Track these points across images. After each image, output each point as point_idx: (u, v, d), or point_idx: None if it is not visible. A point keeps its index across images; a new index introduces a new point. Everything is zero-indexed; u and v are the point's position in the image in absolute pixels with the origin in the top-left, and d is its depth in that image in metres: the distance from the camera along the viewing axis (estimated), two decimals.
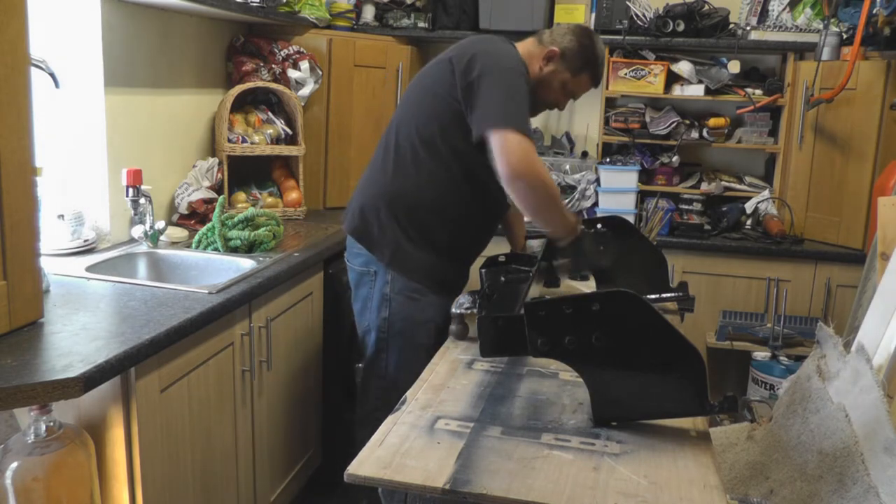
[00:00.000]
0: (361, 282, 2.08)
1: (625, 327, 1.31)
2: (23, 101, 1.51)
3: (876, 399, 1.69)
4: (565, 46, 1.99)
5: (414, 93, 2.03)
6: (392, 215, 1.98)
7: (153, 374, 1.64)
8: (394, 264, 2.00)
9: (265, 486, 2.25)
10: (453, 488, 1.15)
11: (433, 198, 1.98)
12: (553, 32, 2.04)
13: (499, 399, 1.49)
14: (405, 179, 1.98)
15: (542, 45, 2.02)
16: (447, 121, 1.92)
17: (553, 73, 2.01)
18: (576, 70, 2.01)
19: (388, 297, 2.02)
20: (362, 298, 2.09)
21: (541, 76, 2.01)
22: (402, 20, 3.37)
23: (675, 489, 1.17)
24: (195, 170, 2.74)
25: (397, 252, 2.00)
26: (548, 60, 2.00)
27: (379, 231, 2.01)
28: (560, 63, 2.00)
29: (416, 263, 2.00)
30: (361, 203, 2.04)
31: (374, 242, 2.02)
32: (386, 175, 2.01)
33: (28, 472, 1.45)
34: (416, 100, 2.01)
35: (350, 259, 2.12)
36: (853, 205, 2.94)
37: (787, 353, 2.93)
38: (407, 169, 1.98)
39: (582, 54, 2.00)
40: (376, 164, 2.07)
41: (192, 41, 2.78)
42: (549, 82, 2.02)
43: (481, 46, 1.93)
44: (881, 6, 2.70)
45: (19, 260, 1.53)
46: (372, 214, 2.01)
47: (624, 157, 3.30)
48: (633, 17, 3.16)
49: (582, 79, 2.04)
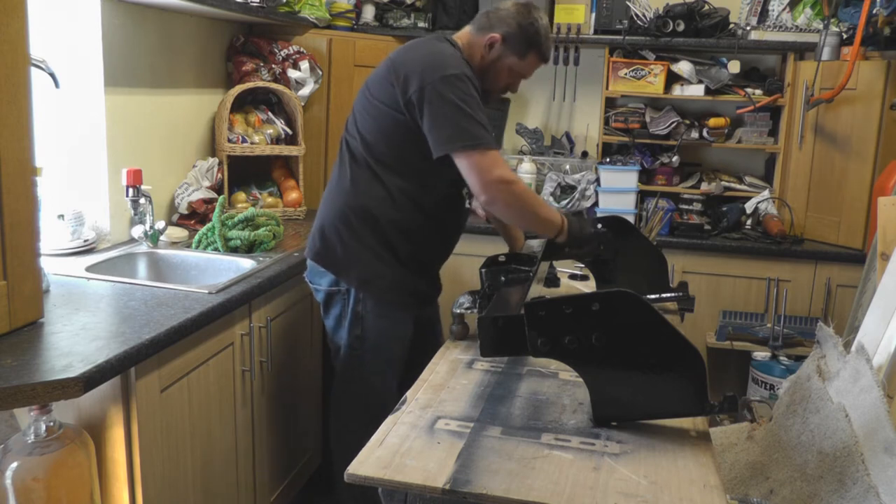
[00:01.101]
0: (332, 301, 2.03)
1: (625, 327, 1.32)
2: (23, 101, 1.51)
3: (876, 399, 1.69)
4: (505, 31, 1.91)
5: (360, 103, 1.95)
6: (354, 234, 1.94)
7: (153, 374, 1.64)
8: (363, 286, 1.96)
9: (265, 486, 2.25)
10: (453, 488, 1.15)
11: (394, 212, 1.92)
12: (490, 16, 1.94)
13: (499, 399, 1.49)
14: (363, 196, 1.93)
15: (481, 33, 1.94)
16: (396, 136, 1.86)
17: (498, 59, 1.93)
18: (521, 53, 1.93)
19: (360, 315, 1.99)
20: (335, 316, 2.04)
21: (486, 64, 1.94)
22: (402, 20, 3.37)
23: (675, 489, 1.17)
24: (195, 170, 2.74)
25: (365, 272, 1.95)
26: (490, 47, 1.92)
27: (343, 252, 1.95)
28: (503, 48, 1.92)
29: (385, 282, 1.96)
30: (322, 224, 1.99)
31: (339, 266, 1.97)
32: (343, 192, 1.96)
33: (28, 472, 1.45)
34: (362, 111, 1.93)
35: (315, 279, 2.06)
36: (853, 205, 2.94)
37: (787, 353, 2.93)
38: (364, 185, 1.93)
39: (524, 36, 1.91)
40: (333, 182, 2.01)
41: (192, 41, 2.78)
42: (497, 69, 1.95)
43: (418, 56, 1.84)
44: (881, 6, 2.70)
45: (19, 260, 1.53)
46: (334, 236, 1.96)
47: (624, 157, 3.30)
48: (633, 17, 3.15)
49: (529, 59, 1.96)
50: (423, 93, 1.76)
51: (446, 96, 1.75)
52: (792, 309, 2.98)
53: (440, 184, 1.93)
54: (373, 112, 1.90)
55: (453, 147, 1.75)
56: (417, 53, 1.86)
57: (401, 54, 1.89)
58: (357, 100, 1.98)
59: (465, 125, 1.75)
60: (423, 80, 1.77)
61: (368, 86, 1.94)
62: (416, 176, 1.91)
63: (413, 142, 1.83)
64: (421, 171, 1.90)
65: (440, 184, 1.93)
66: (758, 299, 3.03)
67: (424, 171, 1.89)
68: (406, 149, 1.87)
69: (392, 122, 1.86)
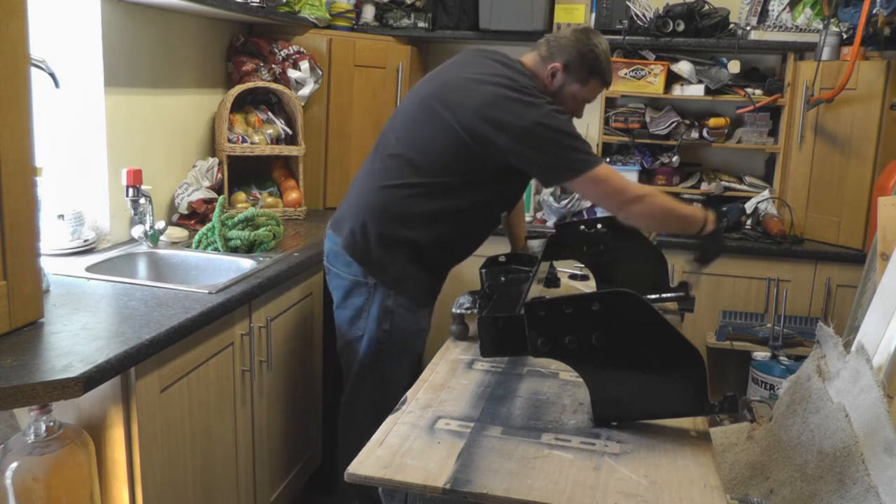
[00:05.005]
0: (355, 291, 2.03)
1: (625, 327, 1.32)
2: (23, 101, 1.51)
3: (876, 399, 1.69)
4: (565, 60, 1.94)
5: (422, 115, 1.94)
6: (392, 238, 1.96)
7: (153, 374, 1.64)
8: (396, 285, 1.99)
9: (265, 486, 2.25)
10: (454, 488, 1.15)
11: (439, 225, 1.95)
12: (550, 45, 1.97)
13: (499, 399, 1.49)
14: (410, 203, 1.93)
15: (543, 62, 1.96)
16: (449, 151, 1.88)
17: (562, 87, 1.96)
18: (583, 79, 1.96)
19: (390, 310, 2.00)
20: (355, 307, 2.04)
21: (550, 93, 1.95)
22: (402, 20, 3.37)
23: (675, 489, 1.17)
24: (195, 170, 2.74)
25: (398, 273, 1.98)
26: (552, 77, 1.95)
27: (379, 253, 1.97)
28: (566, 76, 1.95)
29: (416, 284, 2.01)
30: (363, 221, 1.98)
31: (374, 265, 1.98)
32: (385, 194, 1.96)
33: (28, 472, 1.45)
34: (425, 125, 1.93)
35: (340, 266, 2.05)
36: (853, 205, 2.94)
37: (787, 353, 2.93)
38: (412, 193, 1.93)
39: (585, 63, 1.94)
40: (375, 178, 2.00)
41: (192, 41, 2.78)
42: (561, 96, 1.97)
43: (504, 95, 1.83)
44: (881, 6, 2.70)
45: (19, 260, 1.53)
46: (372, 235, 1.96)
47: (624, 157, 3.30)
48: (633, 17, 3.15)
49: (591, 85, 1.98)
50: (518, 133, 1.80)
51: (545, 136, 1.80)
52: (792, 309, 2.98)
53: (481, 201, 1.96)
54: (437, 125, 1.89)
55: (569, 176, 1.83)
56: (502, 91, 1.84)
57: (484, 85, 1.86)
58: (410, 104, 1.99)
59: (571, 153, 1.81)
60: (513, 120, 1.80)
61: (437, 96, 1.92)
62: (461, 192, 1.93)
63: (467, 159, 1.87)
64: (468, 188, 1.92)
65: (481, 201, 1.96)
66: (758, 299, 3.03)
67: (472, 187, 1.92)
68: (458, 166, 1.90)
69: (448, 139, 1.87)
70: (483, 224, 2.08)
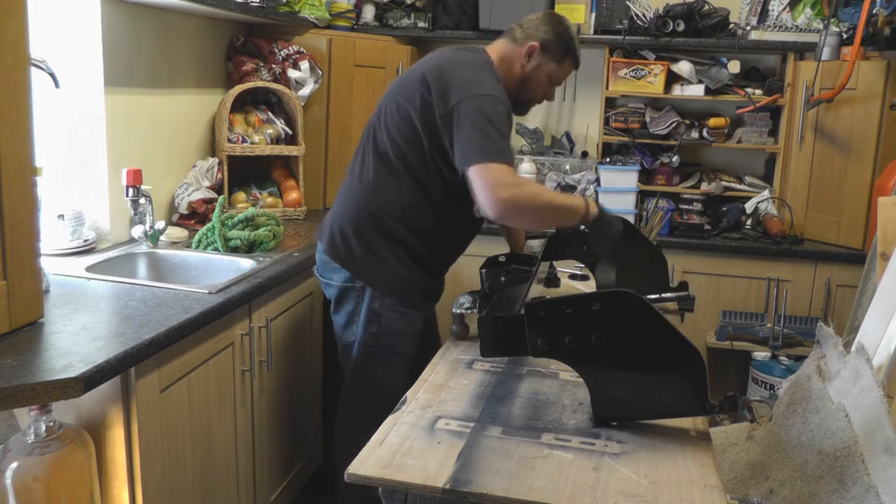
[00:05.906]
0: (345, 297, 2.03)
1: (625, 327, 1.32)
2: (23, 101, 1.51)
3: (876, 399, 1.69)
4: (543, 38, 1.96)
5: (389, 108, 1.95)
6: (375, 236, 1.94)
7: (153, 374, 1.64)
8: (382, 286, 1.97)
9: (265, 486, 2.25)
10: (454, 488, 1.15)
11: (418, 218, 1.94)
12: (524, 27, 1.99)
13: (499, 399, 1.49)
14: (387, 199, 1.93)
15: (517, 43, 1.98)
16: (426, 144, 1.87)
17: (538, 67, 1.98)
18: (559, 59, 1.99)
19: (376, 313, 1.99)
20: (347, 312, 2.04)
21: (525, 74, 1.98)
22: (402, 20, 3.37)
23: (675, 489, 1.17)
24: (195, 170, 2.74)
25: (384, 274, 1.96)
26: (529, 56, 1.97)
27: (363, 253, 1.96)
28: (542, 56, 1.97)
29: (402, 283, 1.98)
30: (341, 223, 1.98)
31: (358, 265, 1.97)
32: (366, 193, 1.96)
33: (28, 472, 1.45)
34: (392, 116, 1.93)
35: (327, 274, 2.05)
36: (853, 205, 2.94)
37: (787, 353, 2.93)
38: (388, 188, 1.93)
39: (561, 42, 1.98)
40: (354, 178, 2.00)
41: (192, 41, 2.78)
42: (536, 78, 1.99)
43: (457, 70, 1.85)
44: (881, 6, 2.70)
45: (19, 260, 1.53)
46: (354, 236, 1.96)
47: (624, 157, 3.30)
48: (633, 17, 3.15)
49: (566, 65, 2.02)
50: (460, 108, 1.77)
51: (480, 113, 1.76)
52: (792, 309, 2.98)
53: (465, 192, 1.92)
54: (404, 118, 1.89)
55: (472, 160, 1.74)
56: (461, 69, 1.86)
57: (442, 63, 1.88)
58: (382, 105, 1.99)
59: (487, 144, 1.74)
60: (463, 94, 1.78)
61: (396, 92, 1.94)
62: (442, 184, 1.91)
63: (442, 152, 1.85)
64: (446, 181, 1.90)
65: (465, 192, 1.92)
66: (758, 299, 3.03)
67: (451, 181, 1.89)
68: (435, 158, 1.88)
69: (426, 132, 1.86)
70: (464, 215, 2.02)
